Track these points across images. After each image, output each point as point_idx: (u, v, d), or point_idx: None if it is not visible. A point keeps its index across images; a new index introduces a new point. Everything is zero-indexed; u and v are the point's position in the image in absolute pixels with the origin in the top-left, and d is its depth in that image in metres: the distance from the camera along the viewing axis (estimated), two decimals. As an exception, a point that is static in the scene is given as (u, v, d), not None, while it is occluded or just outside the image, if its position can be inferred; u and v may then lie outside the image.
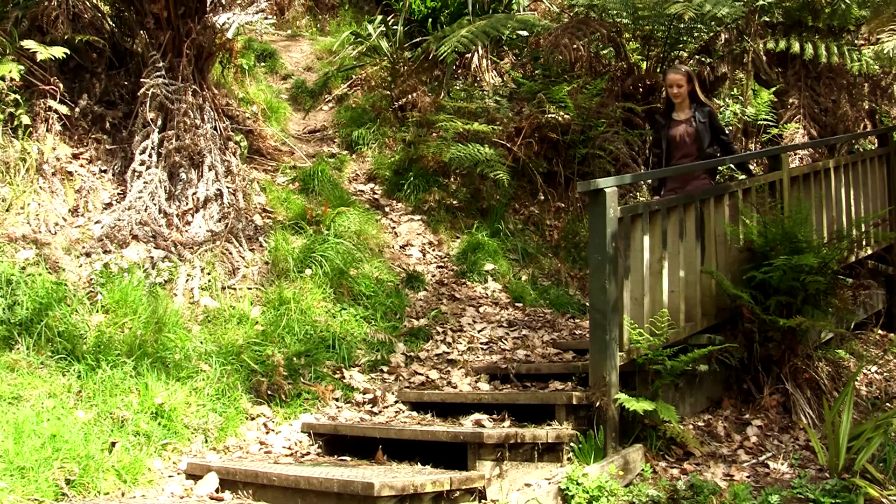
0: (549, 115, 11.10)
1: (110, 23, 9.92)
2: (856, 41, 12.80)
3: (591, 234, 6.75)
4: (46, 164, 8.43)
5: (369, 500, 5.05)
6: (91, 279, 7.65)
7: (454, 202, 11.16)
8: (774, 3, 11.69)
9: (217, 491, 5.88)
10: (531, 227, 11.22)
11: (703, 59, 12.44)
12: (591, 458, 6.23)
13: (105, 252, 7.99)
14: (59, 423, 6.02)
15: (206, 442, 6.64)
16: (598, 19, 11.32)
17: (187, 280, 8.15)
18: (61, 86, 8.84)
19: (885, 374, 8.67)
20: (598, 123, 11.13)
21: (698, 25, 11.14)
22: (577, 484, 5.80)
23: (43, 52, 8.45)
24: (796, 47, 11.74)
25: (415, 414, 7.44)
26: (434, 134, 11.53)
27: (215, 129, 9.42)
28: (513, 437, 6.04)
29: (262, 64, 14.01)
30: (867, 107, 13.11)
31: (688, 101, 8.76)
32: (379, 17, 13.49)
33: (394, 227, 10.54)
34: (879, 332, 9.47)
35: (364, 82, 13.27)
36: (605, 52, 12.52)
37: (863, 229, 9.10)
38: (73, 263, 7.76)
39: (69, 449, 5.75)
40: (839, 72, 12.62)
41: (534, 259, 10.56)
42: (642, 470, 6.36)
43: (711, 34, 11.77)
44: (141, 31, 9.31)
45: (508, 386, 7.71)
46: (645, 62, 11.89)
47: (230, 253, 8.65)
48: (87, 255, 7.92)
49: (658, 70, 11.65)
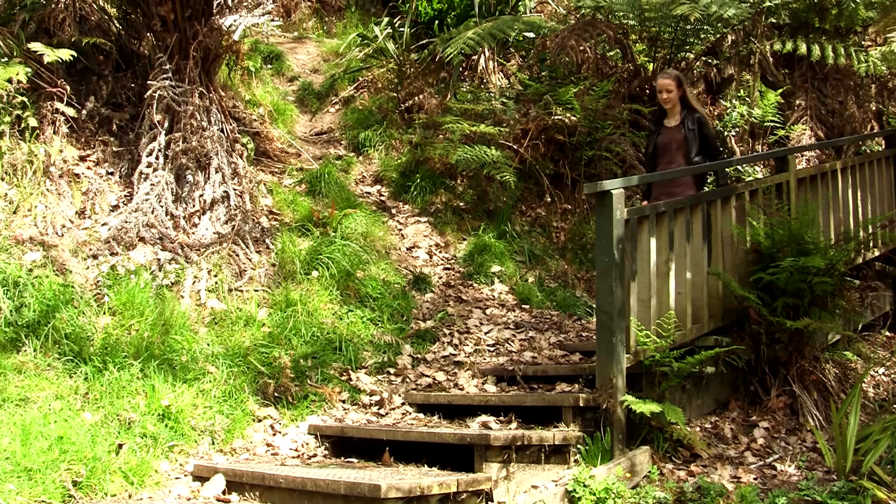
0: (556, 117, 11.09)
1: (117, 25, 9.94)
2: (863, 42, 12.79)
3: (598, 235, 6.74)
4: (53, 167, 8.44)
5: (376, 502, 5.05)
6: (98, 281, 7.66)
7: (461, 204, 11.15)
8: (781, 4, 11.67)
9: (224, 493, 5.88)
10: (538, 229, 11.22)
11: (709, 61, 12.43)
12: (597, 460, 6.22)
13: (112, 254, 8.00)
14: (67, 424, 6.03)
15: (213, 444, 6.64)
16: (604, 21, 11.31)
17: (194, 282, 8.16)
18: (68, 88, 8.86)
19: (892, 376, 8.65)
20: (605, 125, 11.13)
21: (705, 27, 11.13)
22: (584, 486, 5.80)
23: (50, 55, 8.46)
24: (803, 49, 11.73)
25: (421, 416, 7.44)
26: (441, 136, 11.53)
27: (222, 131, 9.43)
28: (519, 439, 6.04)
29: (269, 66, 14.02)
30: (874, 108, 13.09)
31: (679, 107, 8.50)
32: (385, 20, 13.49)
33: (400, 229, 10.55)
34: (887, 333, 9.45)
35: (370, 84, 13.27)
36: (611, 53, 12.51)
37: (870, 231, 9.09)
38: (80, 265, 7.77)
39: (76, 451, 5.76)
40: (846, 73, 12.60)
41: (540, 261, 10.56)
42: (649, 472, 6.35)
43: (718, 35, 11.74)
44: (148, 34, 9.33)
45: (515, 388, 7.70)
46: (651, 64, 11.88)
47: (237, 255, 8.65)
48: (94, 257, 7.93)
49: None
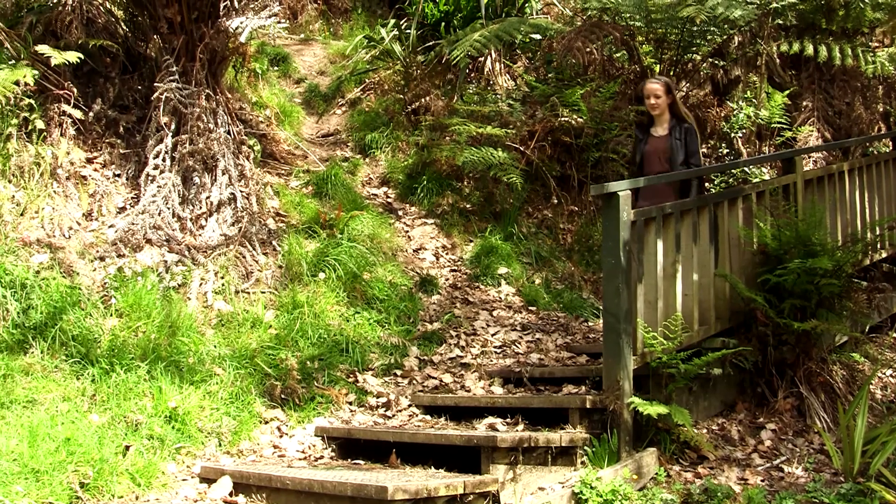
0: (563, 119, 11.09)
1: (124, 27, 9.96)
2: (870, 43, 12.76)
3: (605, 237, 6.74)
4: (60, 169, 8.46)
5: (383, 504, 5.06)
6: (105, 283, 7.67)
7: (467, 206, 11.15)
8: (788, 5, 11.66)
9: (231, 495, 5.88)
10: (544, 231, 11.21)
11: (716, 62, 12.42)
12: (604, 462, 6.21)
13: (119, 256, 8.01)
14: (74, 426, 6.03)
15: (220, 446, 6.64)
16: (611, 22, 11.31)
17: (201, 284, 8.16)
18: (75, 90, 8.87)
19: (900, 377, 8.65)
20: (612, 127, 11.12)
21: (711, 28, 11.11)
22: (591, 488, 5.79)
23: (57, 57, 8.47)
24: (810, 50, 11.71)
25: (428, 417, 7.44)
26: (447, 137, 11.53)
27: (229, 133, 9.44)
28: (526, 441, 6.04)
29: (276, 68, 14.03)
30: (881, 109, 13.08)
31: (667, 115, 8.26)
32: (392, 21, 13.50)
33: (407, 231, 10.55)
34: (894, 335, 9.42)
35: (377, 86, 13.28)
36: (618, 55, 12.50)
37: (877, 232, 9.07)
38: (87, 267, 7.78)
39: (83, 452, 5.76)
40: (853, 74, 12.59)
41: (547, 262, 10.55)
42: (656, 474, 6.34)
43: (725, 37, 11.73)
44: (154, 36, 9.35)
45: (522, 389, 7.70)
46: (658, 65, 11.87)
47: (244, 257, 8.66)
48: (101, 259, 7.94)
49: (672, 73, 11.63)
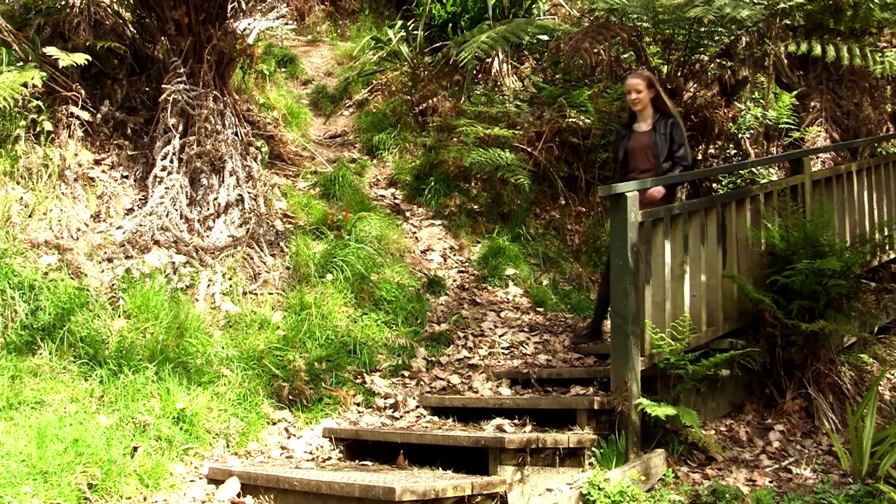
0: (570, 120, 11.08)
1: (131, 29, 9.98)
2: (878, 43, 12.73)
3: (613, 238, 6.73)
4: (68, 170, 8.48)
5: (390, 505, 5.05)
6: (113, 284, 7.68)
7: (475, 207, 11.15)
8: (795, 5, 11.63)
9: (239, 496, 5.89)
10: (552, 232, 11.21)
11: (723, 63, 12.40)
12: (612, 463, 6.21)
13: (127, 257, 8.02)
14: (82, 427, 6.04)
15: (228, 447, 6.64)
16: (618, 23, 11.28)
17: (209, 285, 8.17)
18: (83, 92, 8.89)
19: (908, 378, 8.63)
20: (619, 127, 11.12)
21: (719, 29, 11.08)
22: (599, 489, 5.78)
23: (65, 59, 8.49)
24: (818, 50, 11.69)
25: (436, 419, 7.44)
26: (454, 139, 11.53)
27: (236, 134, 9.45)
28: (534, 442, 6.03)
29: (283, 69, 14.04)
30: (890, 109, 13.04)
31: (650, 111, 8.11)
32: (399, 23, 13.51)
33: (415, 232, 10.55)
34: (903, 336, 9.41)
35: (384, 87, 13.28)
36: (625, 56, 12.48)
37: (886, 233, 9.05)
38: (95, 269, 7.79)
39: (91, 453, 5.77)
40: (861, 74, 12.56)
41: (555, 263, 10.55)
42: (664, 475, 6.34)
43: (732, 37, 11.71)
44: (162, 38, 9.36)
45: (530, 391, 7.69)
46: (666, 66, 11.85)
47: (251, 258, 8.66)
48: (109, 260, 7.95)
49: (679, 74, 11.62)
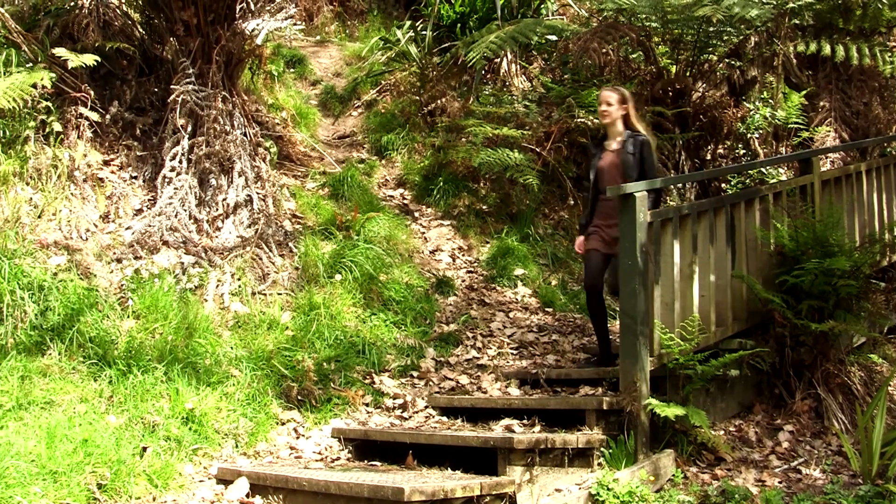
0: (579, 120, 11.07)
1: (140, 30, 9.99)
2: (888, 43, 12.69)
3: (622, 238, 6.73)
4: (78, 171, 8.49)
5: (399, 506, 5.05)
6: (122, 285, 7.69)
7: (484, 207, 11.15)
8: (804, 5, 11.60)
9: (248, 496, 5.89)
10: (561, 232, 11.20)
11: (732, 63, 12.37)
12: (621, 464, 6.20)
13: (136, 258, 8.03)
14: (91, 427, 6.05)
15: (237, 447, 6.65)
16: (627, 23, 11.26)
17: (217, 286, 8.18)
18: (92, 93, 8.91)
19: (918, 378, 8.60)
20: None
21: (727, 28, 11.06)
22: (608, 489, 5.78)
23: (74, 60, 8.51)
24: (827, 50, 11.65)
25: (445, 419, 7.43)
26: (463, 139, 11.53)
27: (245, 135, 9.46)
28: (543, 443, 6.03)
29: (292, 70, 14.05)
30: (899, 109, 13.00)
31: (619, 128, 7.77)
32: (408, 23, 13.51)
33: (423, 233, 10.55)
34: (913, 336, 9.39)
35: (393, 88, 13.28)
36: (634, 56, 12.46)
37: (895, 233, 9.03)
38: (104, 269, 7.80)
39: (101, 454, 5.78)
40: (871, 74, 12.51)
41: (563, 264, 10.54)
42: (673, 475, 6.33)
43: (741, 37, 11.68)
44: (171, 38, 9.37)
45: (539, 391, 7.69)
46: (674, 66, 11.83)
47: (260, 258, 8.67)
48: (118, 260, 7.97)
49: (688, 73, 11.60)
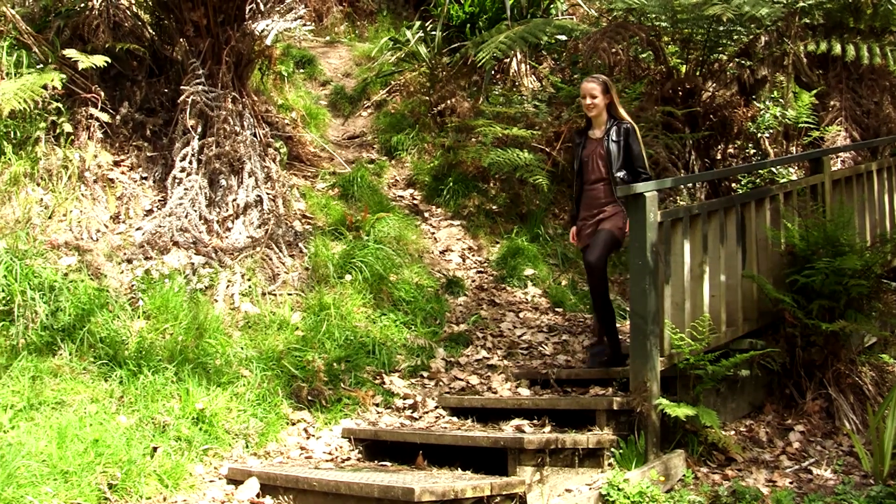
0: (588, 120, 11.07)
1: (150, 31, 10.01)
2: (899, 42, 12.66)
3: (632, 238, 6.72)
4: (88, 172, 8.52)
5: (409, 506, 5.06)
6: (132, 285, 7.71)
7: (494, 207, 11.15)
8: (815, 4, 11.57)
9: (258, 496, 5.90)
10: (571, 232, 11.20)
11: (742, 62, 12.34)
12: (632, 464, 6.19)
13: (146, 258, 8.05)
14: (102, 427, 6.07)
15: (247, 447, 6.66)
16: (636, 23, 11.24)
17: (228, 286, 8.19)
18: (102, 94, 8.93)
19: (930, 378, 8.58)
20: (638, 128, 11.08)
21: (738, 28, 11.04)
22: (619, 490, 5.77)
23: (84, 61, 8.53)
24: (837, 49, 11.61)
25: (455, 419, 7.43)
26: (473, 139, 11.54)
27: (255, 135, 9.47)
28: (553, 443, 6.03)
29: (301, 70, 14.06)
30: (911, 108, 12.96)
31: (605, 117, 7.75)
32: (417, 23, 13.52)
33: (433, 233, 10.55)
34: (924, 336, 9.35)
35: (403, 88, 13.29)
36: (643, 55, 12.45)
37: (907, 232, 9.01)
38: (114, 270, 7.82)
39: (111, 454, 5.80)
40: (882, 73, 12.47)
41: (574, 264, 10.52)
42: (684, 476, 6.32)
43: (751, 37, 11.65)
44: (181, 39, 9.39)
45: (549, 391, 7.68)
46: (684, 66, 11.82)
47: (270, 259, 8.68)
48: (129, 261, 7.98)
49: (698, 73, 11.58)
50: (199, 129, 9.08)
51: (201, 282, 8.07)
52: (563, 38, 12.92)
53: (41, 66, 8.74)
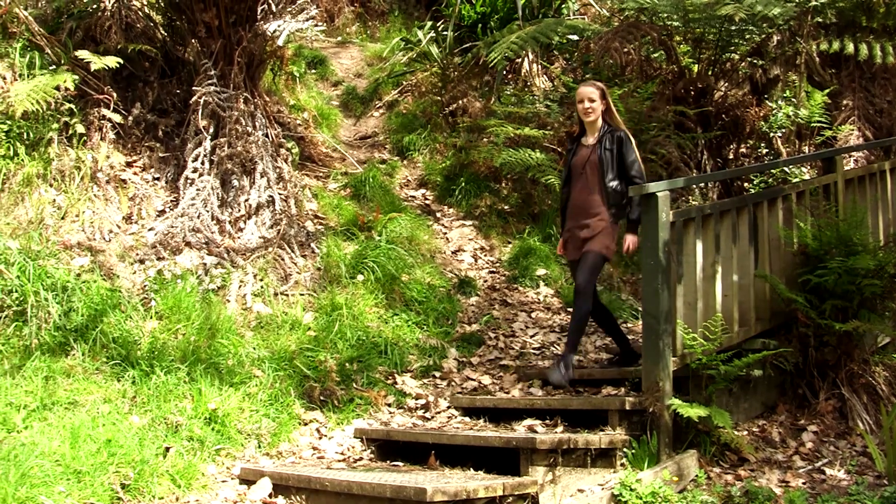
0: (600, 120, 11.06)
1: (162, 32, 10.04)
2: (912, 41, 12.62)
3: (644, 238, 6.70)
4: (100, 172, 8.54)
5: (422, 506, 5.05)
6: (145, 286, 7.72)
7: (505, 207, 11.15)
8: (827, 3, 11.54)
9: (270, 496, 5.90)
10: (583, 232, 11.18)
11: (755, 62, 12.32)
12: (644, 464, 6.18)
13: (159, 259, 8.06)
14: (115, 428, 6.08)
15: (260, 447, 6.66)
16: (648, 22, 11.23)
17: (240, 286, 8.20)
18: (115, 95, 8.95)
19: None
20: (650, 127, 11.05)
21: (750, 27, 11.02)
22: (631, 490, 5.76)
23: (97, 62, 8.56)
24: (850, 48, 11.58)
25: (467, 419, 7.43)
26: (485, 139, 11.54)
27: (267, 136, 9.48)
28: (566, 443, 6.02)
29: (313, 71, 14.09)
30: (924, 107, 12.92)
31: (600, 123, 7.55)
32: (429, 23, 13.53)
33: (445, 233, 10.55)
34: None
35: (414, 88, 13.30)
36: (655, 55, 12.43)
37: (920, 232, 8.98)
38: (127, 270, 7.84)
39: (124, 454, 5.81)
40: (894, 72, 12.44)
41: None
42: (696, 476, 6.30)
43: (763, 36, 11.63)
44: (193, 40, 9.40)
45: (561, 391, 7.67)
46: (696, 65, 11.80)
47: (282, 259, 8.69)
48: (141, 261, 8.00)
49: (710, 73, 11.56)
50: (212, 130, 9.10)
51: (213, 282, 8.08)
52: (575, 37, 12.92)
53: (54, 67, 8.77)
